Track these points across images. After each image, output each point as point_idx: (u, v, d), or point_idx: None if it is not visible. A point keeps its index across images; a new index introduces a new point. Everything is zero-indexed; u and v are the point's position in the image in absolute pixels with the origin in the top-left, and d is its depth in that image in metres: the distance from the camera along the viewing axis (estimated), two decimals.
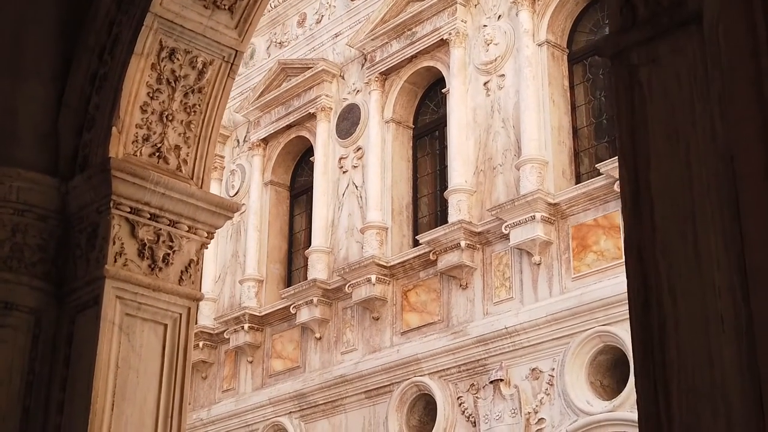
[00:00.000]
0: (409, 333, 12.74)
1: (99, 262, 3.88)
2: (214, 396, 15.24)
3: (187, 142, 4.08)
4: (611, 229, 11.03)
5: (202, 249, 4.17)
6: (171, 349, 3.88)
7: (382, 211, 13.57)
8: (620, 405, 10.30)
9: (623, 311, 10.53)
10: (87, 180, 3.98)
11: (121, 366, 3.71)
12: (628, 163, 2.00)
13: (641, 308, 1.86)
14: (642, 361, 1.85)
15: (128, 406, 3.69)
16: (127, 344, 3.75)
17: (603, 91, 12.29)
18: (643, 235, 1.92)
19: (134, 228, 3.95)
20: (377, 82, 14.18)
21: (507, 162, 12.28)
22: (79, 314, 3.89)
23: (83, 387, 3.66)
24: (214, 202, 4.15)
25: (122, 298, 3.84)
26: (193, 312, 4.06)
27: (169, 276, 3.99)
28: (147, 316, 3.88)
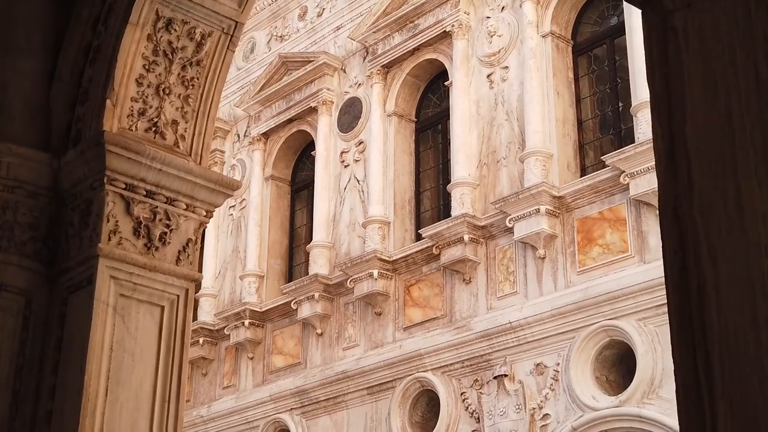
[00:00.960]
0: (412, 328, 12.59)
1: (92, 240, 3.71)
2: (215, 393, 15.08)
3: (185, 117, 3.92)
4: (617, 222, 10.87)
5: (200, 228, 4.00)
6: (168, 332, 3.71)
7: (384, 205, 13.42)
8: (626, 400, 10.14)
9: (629, 305, 10.40)
10: (80, 155, 3.81)
11: (115, 349, 3.55)
12: (662, 117, 1.83)
13: (678, 272, 1.70)
14: (679, 328, 1.69)
15: (123, 391, 3.52)
16: (122, 326, 3.58)
17: (608, 83, 12.13)
18: (679, 194, 1.76)
19: (129, 205, 3.78)
20: (379, 75, 14.03)
21: (511, 155, 12.13)
22: (72, 295, 3.73)
23: (76, 371, 3.49)
24: (213, 179, 3.98)
25: (117, 278, 3.66)
26: (191, 294, 3.90)
27: (166, 256, 3.82)
28: (143, 297, 3.71)
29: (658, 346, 10.13)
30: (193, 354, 15.23)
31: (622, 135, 11.65)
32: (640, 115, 10.69)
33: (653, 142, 1.95)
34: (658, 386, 10.05)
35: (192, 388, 15.51)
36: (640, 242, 10.60)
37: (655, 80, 1.91)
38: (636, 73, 10.92)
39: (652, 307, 10.25)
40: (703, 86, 1.80)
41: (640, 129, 10.66)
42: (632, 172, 10.52)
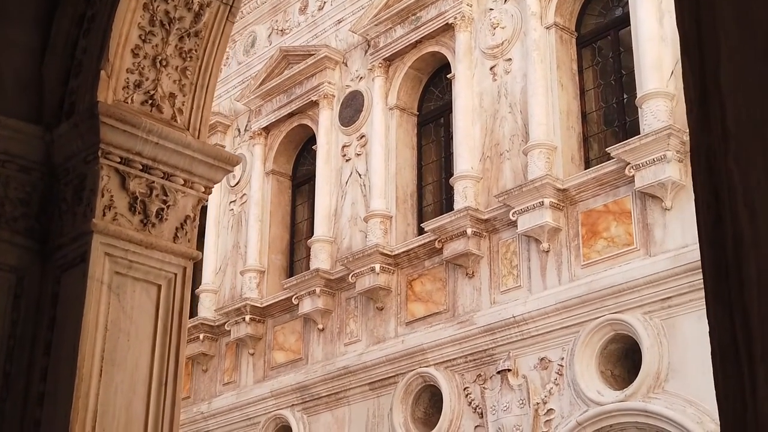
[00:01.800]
0: (414, 323, 12.46)
1: (86, 216, 3.57)
2: (215, 389, 14.96)
3: (182, 90, 3.78)
4: (622, 215, 10.74)
5: (199, 205, 3.86)
6: (165, 311, 3.57)
7: (386, 199, 13.29)
8: (632, 394, 10.01)
9: (634, 298, 10.27)
10: (73, 127, 3.67)
11: (110, 328, 3.41)
12: (693, 60, 1.70)
13: (712, 226, 1.57)
14: (715, 285, 1.56)
15: (118, 372, 3.39)
16: (117, 305, 3.44)
17: (612, 75, 12.00)
18: (713, 143, 1.62)
19: (125, 180, 3.64)
20: (381, 68, 13.90)
21: (514, 148, 12.00)
22: (65, 273, 3.59)
23: (69, 351, 3.36)
24: (212, 154, 3.85)
25: (111, 255, 3.53)
26: (189, 272, 3.76)
27: (163, 233, 3.68)
28: (139, 275, 3.57)
29: (664, 340, 10.00)
30: (193, 350, 15.11)
31: (627, 127, 11.52)
32: (645, 107, 10.57)
33: (684, 88, 1.82)
34: (664, 380, 9.92)
35: (192, 385, 15.39)
36: (645, 235, 10.47)
37: (684, 21, 1.77)
38: (641, 64, 10.80)
39: (657, 301, 10.12)
40: (739, 24, 1.67)
41: (645, 120, 10.53)
42: (637, 164, 10.39)
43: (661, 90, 10.52)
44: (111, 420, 3.33)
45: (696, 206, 1.70)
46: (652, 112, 10.46)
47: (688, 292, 9.89)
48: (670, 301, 10.05)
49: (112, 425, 3.32)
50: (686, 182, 10.23)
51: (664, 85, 10.58)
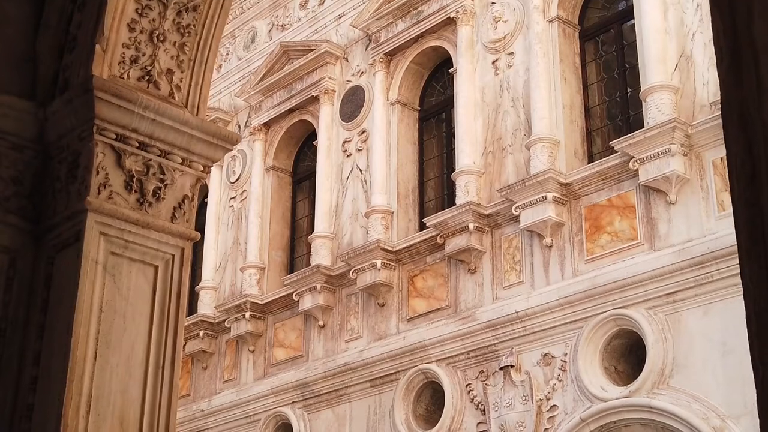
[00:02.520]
0: (416, 319, 12.35)
1: (80, 194, 3.45)
2: (215, 386, 14.85)
3: (180, 66, 3.67)
4: (626, 210, 10.63)
5: (197, 184, 3.75)
6: (162, 293, 3.46)
7: (388, 194, 13.18)
8: (636, 390, 9.89)
9: (639, 293, 10.16)
10: (67, 103, 3.56)
11: (105, 310, 3.30)
12: (725, 14, 1.59)
13: (747, 183, 1.46)
14: (749, 245, 1.45)
15: (114, 355, 3.28)
16: (113, 286, 3.33)
17: (616, 69, 11.90)
18: (746, 97, 1.52)
19: (120, 157, 3.53)
20: (382, 63, 13.79)
21: (516, 142, 11.89)
22: (59, 254, 3.47)
23: (62, 333, 3.24)
24: (211, 132, 3.73)
25: (107, 234, 3.41)
26: (187, 253, 3.64)
27: (161, 212, 3.57)
28: (135, 256, 3.46)
29: (669, 335, 9.89)
30: (193, 347, 15.01)
31: (631, 121, 11.42)
32: (649, 100, 10.46)
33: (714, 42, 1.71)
34: (669, 376, 9.81)
35: (192, 382, 15.28)
36: (649, 229, 10.37)
37: None
38: (645, 57, 10.70)
39: (662, 296, 10.02)
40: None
41: (649, 114, 10.43)
42: (641, 157, 10.29)
43: (665, 83, 10.42)
44: (106, 404, 3.22)
45: (728, 163, 1.60)
46: (656, 105, 10.35)
47: (693, 287, 9.79)
48: (674, 296, 9.94)
49: (107, 410, 3.21)
50: (691, 176, 10.13)
51: (668, 78, 10.48)
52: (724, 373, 9.41)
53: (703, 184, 10.05)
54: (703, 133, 10.06)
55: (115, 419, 3.21)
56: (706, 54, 10.34)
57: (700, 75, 10.33)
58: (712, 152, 10.03)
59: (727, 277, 9.54)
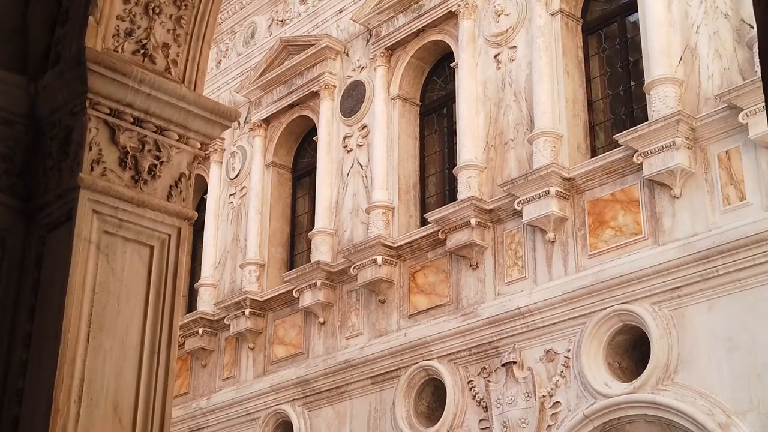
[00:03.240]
0: (417, 316, 12.23)
1: (73, 171, 3.33)
2: (214, 384, 14.73)
3: (177, 41, 3.55)
4: (629, 204, 10.51)
5: (195, 162, 3.62)
6: (158, 274, 3.34)
7: (389, 190, 13.06)
8: (641, 386, 9.77)
9: (643, 288, 10.04)
10: (59, 76, 3.43)
11: (98, 291, 3.18)
12: None
13: None
14: None
15: (107, 338, 3.16)
16: (106, 266, 3.21)
17: (619, 63, 11.78)
18: None
19: (114, 133, 3.40)
20: (383, 57, 13.68)
21: (519, 136, 11.77)
22: (51, 233, 3.35)
23: (54, 315, 3.12)
24: (208, 108, 3.61)
25: (100, 212, 3.28)
26: (184, 233, 3.52)
27: (156, 190, 3.45)
28: (130, 235, 3.33)
29: (674, 331, 9.77)
30: (192, 345, 14.90)
31: (634, 115, 11.30)
32: (653, 93, 10.34)
33: None
34: (674, 372, 9.68)
35: (191, 380, 15.17)
36: (653, 224, 10.25)
37: None
38: (650, 49, 10.58)
39: (666, 291, 9.90)
40: None
41: (653, 107, 10.31)
42: (646, 151, 10.17)
43: (669, 76, 10.30)
44: (99, 389, 3.10)
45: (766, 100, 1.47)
46: (661, 98, 10.23)
47: (698, 282, 9.67)
48: (679, 291, 9.82)
49: (100, 394, 3.09)
50: (696, 170, 10.01)
51: (672, 71, 10.36)
52: (730, 369, 9.29)
53: (708, 177, 9.93)
54: (708, 126, 9.94)
55: (108, 404, 3.10)
56: (710, 46, 10.22)
57: (705, 67, 10.21)
58: (717, 146, 9.92)
59: (733, 272, 9.43)
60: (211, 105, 3.63)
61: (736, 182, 9.69)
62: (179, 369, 15.44)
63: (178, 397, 15.18)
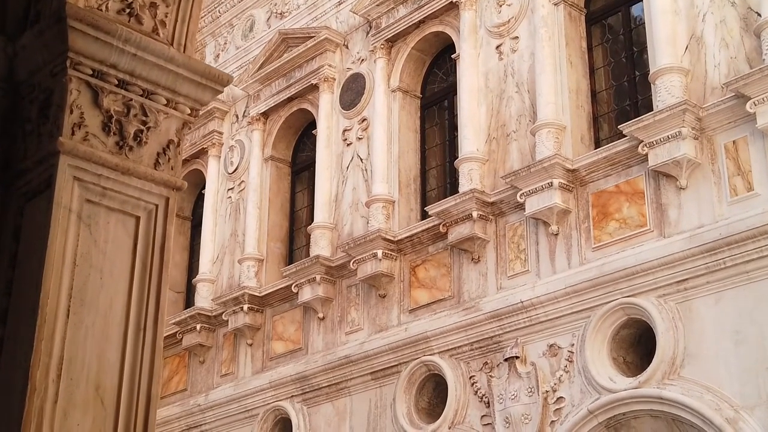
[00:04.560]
0: (418, 310, 12.03)
1: (53, 135, 3.12)
2: (212, 381, 14.54)
3: (165, 0, 3.36)
4: (634, 196, 10.32)
5: (184, 129, 3.41)
6: (144, 246, 3.14)
7: (389, 183, 12.87)
8: (646, 381, 9.58)
9: (648, 281, 9.84)
10: (38, 35, 3.22)
11: (80, 264, 2.98)
12: None
13: None
14: None
15: (89, 313, 2.96)
16: (89, 237, 3.01)
17: (623, 53, 11.59)
18: None
19: (98, 96, 3.20)
20: (383, 49, 13.48)
21: (521, 128, 11.58)
22: (29, 203, 3.14)
23: (31, 288, 2.93)
24: (199, 71, 3.40)
25: (81, 180, 3.08)
26: (172, 203, 3.31)
27: (142, 158, 3.25)
28: (114, 204, 3.13)
29: (680, 324, 9.58)
30: (190, 341, 14.71)
31: (639, 106, 11.11)
32: (659, 83, 10.15)
33: None
34: (680, 366, 9.49)
35: (189, 377, 14.99)
36: (659, 215, 10.06)
37: None
38: (655, 39, 10.39)
39: (672, 284, 9.71)
40: None
41: (659, 96, 10.11)
42: (651, 141, 9.97)
43: (675, 65, 10.11)
44: (80, 368, 2.91)
45: None
46: (666, 87, 10.04)
47: (704, 274, 9.48)
48: (685, 284, 9.63)
49: (81, 374, 2.90)
50: (702, 160, 9.82)
51: (678, 60, 10.17)
52: (738, 363, 9.10)
53: (714, 168, 9.74)
54: (714, 115, 9.75)
55: (89, 385, 2.90)
56: (717, 35, 10.03)
57: (712, 56, 10.02)
58: (724, 135, 9.73)
59: (740, 264, 9.25)
60: (201, 68, 3.43)
61: (743, 173, 9.50)
62: (177, 366, 15.25)
63: (176, 394, 15.01)
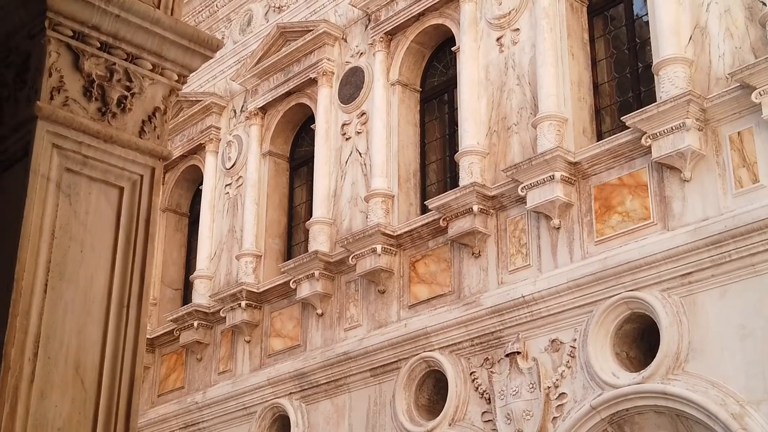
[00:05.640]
0: (418, 306, 11.87)
1: (30, 100, 2.95)
2: (210, 378, 14.38)
3: None
4: (637, 188, 10.16)
5: (171, 96, 3.24)
6: (128, 219, 2.97)
7: (388, 178, 12.70)
8: (650, 376, 9.42)
9: (652, 275, 9.68)
10: None
11: (59, 236, 2.80)
12: None
13: None
14: None
15: (68, 288, 2.79)
16: (68, 208, 2.84)
17: (626, 45, 11.44)
18: None
19: (79, 59, 3.03)
20: (382, 42, 13.32)
21: (522, 121, 11.42)
22: (6, 172, 2.96)
23: (7, 262, 2.76)
24: (186, 35, 3.22)
25: (61, 147, 2.91)
26: (158, 174, 3.14)
27: (126, 125, 3.07)
28: (96, 174, 2.96)
29: (684, 318, 9.42)
30: (187, 338, 14.55)
31: (642, 98, 10.95)
32: (662, 73, 9.98)
33: None
34: (684, 361, 9.33)
35: (186, 374, 14.83)
36: (663, 208, 9.90)
37: None
38: (658, 29, 10.22)
39: (676, 277, 9.55)
40: None
41: (662, 87, 9.95)
42: (654, 133, 9.81)
43: (679, 55, 9.95)
44: (58, 346, 2.74)
45: None
46: (670, 78, 9.88)
47: (709, 267, 9.32)
48: (690, 277, 9.47)
49: (59, 352, 2.73)
50: (706, 152, 9.66)
51: (682, 50, 10.01)
52: (743, 357, 8.94)
53: (719, 160, 9.58)
54: (719, 106, 9.59)
55: (68, 364, 2.74)
56: (721, 25, 9.87)
57: (716, 47, 9.86)
58: (729, 126, 9.57)
59: (746, 257, 9.09)
60: (189, 32, 3.25)
61: (748, 164, 9.34)
62: (174, 363, 15.09)
63: (173, 392, 14.86)
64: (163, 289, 15.88)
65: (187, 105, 16.05)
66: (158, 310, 15.54)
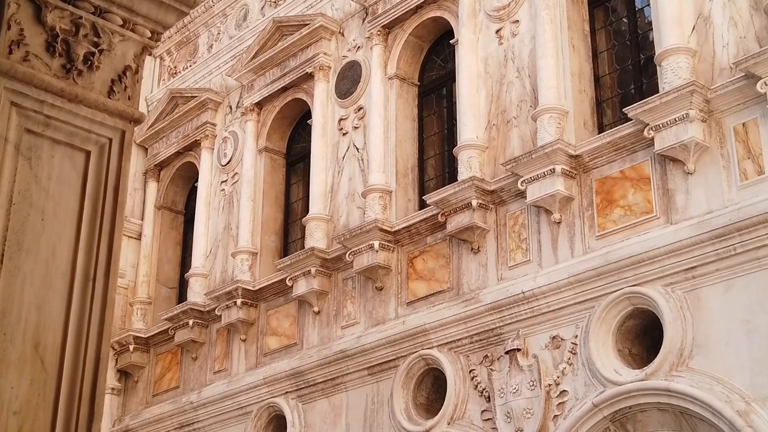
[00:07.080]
0: (416, 303, 11.65)
1: None
2: (205, 378, 14.16)
3: None
4: (640, 181, 9.95)
5: (143, 54, 3.01)
6: (95, 185, 2.74)
7: (386, 173, 12.49)
8: (653, 373, 9.20)
9: (655, 269, 9.46)
10: None
11: (17, 202, 2.58)
12: None
13: None
14: None
15: (28, 260, 2.56)
16: (28, 172, 2.61)
17: (627, 37, 11.23)
18: None
19: (41, 11, 2.81)
20: (379, 36, 13.11)
21: (522, 114, 11.21)
22: None
23: None
24: None
25: (20, 106, 2.68)
26: (128, 137, 2.91)
27: (94, 84, 2.85)
28: (60, 136, 2.73)
29: (688, 314, 9.20)
30: (182, 337, 14.34)
31: (643, 89, 10.74)
32: (665, 64, 9.77)
33: None
34: (688, 357, 9.11)
35: (181, 373, 14.61)
36: (666, 201, 9.68)
37: None
38: (660, 19, 10.02)
39: (680, 272, 9.33)
40: None
41: (665, 78, 9.74)
42: (657, 124, 9.60)
43: (682, 46, 9.74)
44: (16, 321, 2.52)
45: None
46: (673, 69, 9.67)
47: (713, 261, 9.11)
48: (694, 272, 9.25)
49: (17, 327, 2.50)
50: (710, 143, 9.45)
51: (685, 40, 9.81)
52: (749, 353, 8.72)
53: (723, 152, 9.37)
54: (723, 97, 9.38)
55: (27, 341, 2.52)
56: (725, 14, 9.66)
57: (720, 36, 9.65)
58: (733, 118, 9.36)
59: (751, 250, 8.88)
60: None
61: (753, 156, 9.13)
62: (169, 363, 14.87)
63: (168, 392, 14.64)
64: (158, 287, 15.67)
65: (182, 101, 15.85)
66: (153, 309, 15.33)
